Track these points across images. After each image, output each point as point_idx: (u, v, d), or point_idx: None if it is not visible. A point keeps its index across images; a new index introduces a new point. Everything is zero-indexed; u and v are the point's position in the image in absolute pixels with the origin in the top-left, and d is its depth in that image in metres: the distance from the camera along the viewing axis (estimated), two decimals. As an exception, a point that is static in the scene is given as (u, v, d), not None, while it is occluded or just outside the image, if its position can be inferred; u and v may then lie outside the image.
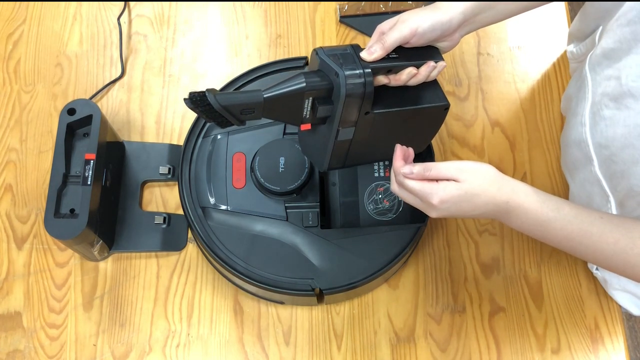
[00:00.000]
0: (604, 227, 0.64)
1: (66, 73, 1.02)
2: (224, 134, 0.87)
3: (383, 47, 0.68)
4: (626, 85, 0.68)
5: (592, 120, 0.76)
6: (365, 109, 0.68)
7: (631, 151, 0.68)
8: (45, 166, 0.96)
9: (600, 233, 0.64)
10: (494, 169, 0.66)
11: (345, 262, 0.82)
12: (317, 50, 0.67)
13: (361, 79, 0.65)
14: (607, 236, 0.64)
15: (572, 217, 0.65)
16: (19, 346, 0.87)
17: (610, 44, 0.73)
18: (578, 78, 0.85)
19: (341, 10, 1.05)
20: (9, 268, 0.90)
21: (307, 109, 0.68)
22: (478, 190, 0.64)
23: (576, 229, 0.65)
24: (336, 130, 0.69)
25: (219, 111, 0.63)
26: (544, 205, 0.65)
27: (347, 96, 0.65)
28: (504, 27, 1.06)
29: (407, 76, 0.69)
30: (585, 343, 0.87)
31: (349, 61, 0.66)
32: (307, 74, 0.66)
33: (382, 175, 0.86)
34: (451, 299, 0.89)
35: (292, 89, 0.66)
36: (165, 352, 0.86)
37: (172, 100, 1.00)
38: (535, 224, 0.66)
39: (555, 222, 0.65)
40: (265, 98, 0.65)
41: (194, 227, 0.84)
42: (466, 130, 0.99)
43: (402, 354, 0.86)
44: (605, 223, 0.64)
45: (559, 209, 0.65)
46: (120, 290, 0.89)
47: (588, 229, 0.64)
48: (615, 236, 0.63)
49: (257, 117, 0.67)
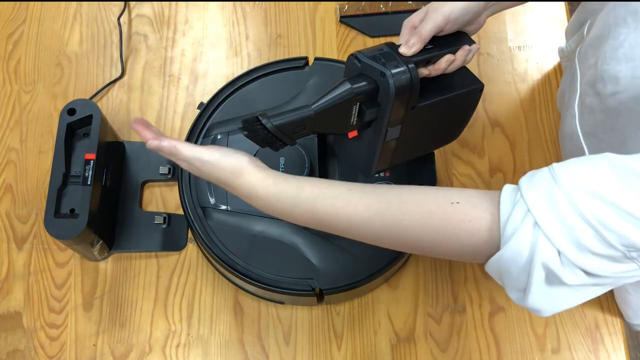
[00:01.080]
0: (350, 198, 0.60)
1: (66, 73, 1.02)
2: (224, 134, 0.87)
3: (420, 39, 0.67)
4: (600, 69, 0.68)
5: (579, 110, 0.76)
6: (412, 103, 0.68)
7: (615, 134, 0.67)
8: (45, 166, 0.96)
9: (346, 204, 0.60)
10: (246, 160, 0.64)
11: (345, 262, 0.82)
12: (356, 55, 0.67)
13: (407, 74, 0.65)
14: (355, 205, 0.60)
15: (313, 199, 0.61)
16: (19, 346, 0.87)
17: (595, 32, 0.73)
18: (569, 73, 0.85)
19: (341, 10, 1.05)
20: (9, 268, 0.90)
21: (354, 115, 0.68)
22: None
23: (321, 209, 0.61)
24: (385, 131, 0.69)
25: (274, 133, 0.64)
26: (282, 195, 0.62)
27: (396, 94, 0.65)
28: (504, 27, 1.06)
29: (446, 63, 0.69)
30: (585, 343, 0.87)
31: (390, 59, 0.66)
32: (351, 79, 0.66)
33: (382, 175, 0.86)
34: (451, 299, 0.89)
35: (340, 96, 0.66)
36: (165, 352, 0.87)
37: (172, 100, 1.00)
38: (275, 211, 0.64)
39: (296, 207, 0.62)
40: (315, 111, 0.65)
41: (194, 227, 0.84)
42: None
43: (402, 354, 0.86)
44: (353, 193, 0.61)
45: (299, 194, 0.62)
46: (120, 290, 0.89)
47: (333, 204, 0.61)
48: (366, 202, 0.60)
49: (308, 133, 0.67)
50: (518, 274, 0.53)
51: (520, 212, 0.52)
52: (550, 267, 0.51)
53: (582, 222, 0.49)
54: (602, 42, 0.70)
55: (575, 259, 0.50)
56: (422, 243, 0.59)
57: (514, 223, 0.52)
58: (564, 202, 0.50)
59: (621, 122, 0.66)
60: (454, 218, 0.56)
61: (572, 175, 0.50)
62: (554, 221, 0.50)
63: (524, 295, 0.54)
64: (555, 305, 0.54)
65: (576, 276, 0.51)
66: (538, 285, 0.52)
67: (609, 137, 0.69)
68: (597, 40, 0.72)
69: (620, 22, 0.65)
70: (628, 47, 0.64)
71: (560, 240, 0.50)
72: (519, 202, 0.53)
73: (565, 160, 0.53)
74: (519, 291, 0.55)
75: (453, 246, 0.57)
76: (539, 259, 0.51)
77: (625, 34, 0.64)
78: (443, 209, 0.57)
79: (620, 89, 0.64)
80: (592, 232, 0.49)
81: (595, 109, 0.70)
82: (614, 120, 0.66)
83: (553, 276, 0.52)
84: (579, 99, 0.76)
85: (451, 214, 0.56)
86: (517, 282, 0.54)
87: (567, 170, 0.51)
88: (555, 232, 0.50)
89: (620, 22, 0.65)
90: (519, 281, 0.54)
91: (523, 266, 0.52)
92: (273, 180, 0.63)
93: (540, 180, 0.52)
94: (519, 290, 0.55)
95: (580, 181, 0.50)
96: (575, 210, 0.49)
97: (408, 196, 0.59)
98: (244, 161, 0.64)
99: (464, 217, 0.56)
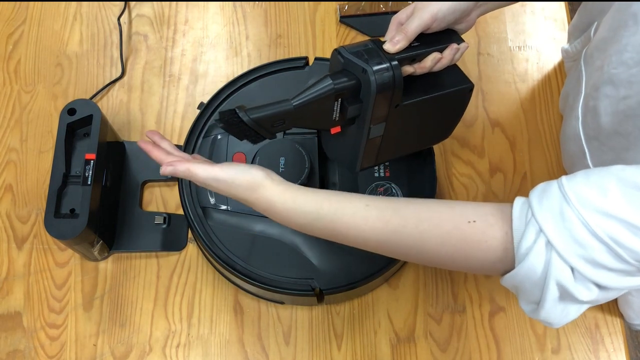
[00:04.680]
0: (368, 214, 0.61)
1: (66, 73, 1.02)
2: (224, 134, 0.87)
3: (406, 36, 0.66)
4: (607, 73, 0.67)
5: (583, 113, 0.76)
6: (396, 101, 0.67)
7: (619, 139, 0.67)
8: (45, 166, 0.96)
9: (364, 221, 0.61)
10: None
11: (345, 262, 0.82)
12: (338, 50, 0.66)
13: (389, 71, 0.64)
14: (373, 222, 0.61)
15: (332, 215, 0.62)
16: (19, 346, 0.87)
17: (601, 34, 0.72)
18: (574, 74, 0.84)
19: (341, 10, 1.05)
20: (9, 268, 0.90)
21: (336, 111, 0.67)
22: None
23: (339, 225, 0.62)
24: (368, 128, 0.68)
25: (252, 126, 0.63)
26: (300, 210, 0.63)
27: (377, 91, 0.64)
28: (504, 27, 1.06)
29: (432, 62, 0.68)
30: (585, 343, 0.87)
31: (373, 56, 0.65)
32: (332, 75, 0.65)
33: (383, 175, 0.86)
34: (451, 299, 0.89)
35: (321, 92, 0.64)
36: (165, 352, 0.87)
37: (172, 100, 1.00)
38: (293, 225, 0.65)
39: (316, 222, 0.63)
40: (295, 106, 0.64)
41: (194, 227, 0.84)
42: (466, 130, 0.99)
43: (402, 354, 0.86)
44: (371, 209, 0.61)
45: (317, 209, 0.62)
46: (120, 290, 0.89)
47: (351, 220, 0.61)
48: (384, 219, 0.60)
49: (288, 127, 0.66)
50: (532, 288, 0.55)
51: (532, 231, 0.53)
52: (564, 285, 0.52)
53: (594, 240, 0.50)
54: (607, 45, 0.70)
55: (589, 274, 0.51)
56: (439, 260, 0.60)
57: (527, 242, 0.53)
58: (576, 221, 0.51)
59: (626, 127, 0.65)
60: (471, 238, 0.57)
61: (581, 194, 0.51)
62: (567, 240, 0.51)
63: (536, 308, 0.56)
64: (566, 318, 0.55)
65: (589, 291, 0.52)
66: (552, 302, 0.54)
67: (612, 142, 0.69)
68: (603, 43, 0.71)
69: (623, 25, 0.65)
70: (632, 50, 0.63)
71: (573, 258, 0.51)
72: (530, 221, 0.54)
73: (574, 175, 0.53)
74: (532, 303, 0.56)
75: (469, 263, 0.59)
76: (553, 278, 0.52)
77: (627, 37, 0.64)
78: (460, 229, 0.58)
79: (632, 93, 0.64)
80: (605, 249, 0.50)
81: (600, 112, 0.69)
82: (619, 125, 0.66)
83: (566, 293, 0.53)
84: (583, 101, 0.76)
85: (468, 234, 0.57)
86: (530, 295, 0.56)
87: (577, 189, 0.52)
88: (569, 251, 0.51)
89: (622, 25, 0.65)
90: (533, 294, 0.55)
91: (537, 282, 0.54)
92: (291, 195, 0.63)
93: (551, 199, 0.53)
94: (532, 303, 0.56)
95: (590, 200, 0.50)
96: (587, 228, 0.50)
97: (425, 214, 0.60)
98: (259, 176, 0.64)
99: (480, 237, 0.57)
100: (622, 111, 0.65)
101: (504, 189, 0.95)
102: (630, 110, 0.64)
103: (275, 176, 0.66)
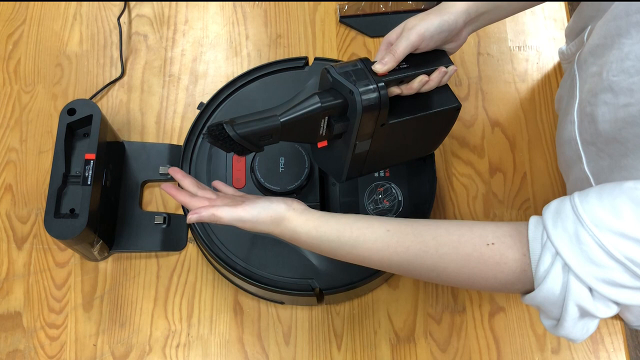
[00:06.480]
0: (389, 240, 0.63)
1: (66, 73, 1.02)
2: (224, 134, 0.87)
3: (394, 57, 0.67)
4: (606, 80, 0.68)
5: (579, 118, 0.76)
6: (381, 121, 0.68)
7: (617, 145, 0.68)
8: (45, 166, 0.96)
9: (386, 247, 0.63)
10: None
11: (345, 262, 0.81)
12: (327, 69, 0.67)
13: (375, 93, 0.65)
14: (395, 247, 0.63)
15: (354, 241, 0.64)
16: (19, 346, 0.87)
17: (596, 41, 0.73)
18: (568, 77, 0.85)
19: (341, 10, 1.05)
20: (9, 268, 0.90)
21: (323, 127, 0.68)
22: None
23: (362, 251, 0.64)
24: (354, 144, 0.70)
25: (239, 142, 0.64)
26: (323, 238, 0.66)
27: (363, 111, 0.65)
28: (504, 27, 1.06)
29: (419, 84, 0.69)
30: (585, 343, 0.87)
31: (361, 77, 0.66)
32: (320, 94, 0.66)
33: (382, 175, 0.86)
34: (451, 299, 0.89)
35: (308, 110, 0.66)
36: (165, 352, 0.87)
37: (172, 100, 1.00)
38: (318, 252, 0.68)
39: (339, 249, 0.65)
40: (282, 123, 0.65)
41: (194, 227, 0.84)
42: (466, 130, 0.99)
43: (402, 354, 0.86)
44: (392, 235, 0.63)
45: (340, 237, 0.65)
46: (120, 290, 0.89)
47: (373, 247, 0.64)
48: (404, 245, 0.62)
49: (275, 141, 0.67)
50: (552, 307, 0.56)
51: (549, 254, 0.55)
52: (583, 306, 0.53)
53: (611, 260, 0.51)
54: (604, 51, 0.70)
55: (607, 293, 0.52)
56: (459, 281, 0.62)
57: (545, 266, 0.55)
58: (592, 243, 0.52)
59: (625, 134, 0.65)
60: (491, 261, 0.59)
61: (595, 215, 0.52)
62: (583, 262, 0.52)
63: (557, 325, 0.57)
64: (587, 333, 0.57)
65: (609, 309, 0.54)
66: (572, 322, 0.55)
67: (610, 148, 0.69)
68: (599, 50, 0.72)
69: (624, 34, 0.65)
70: (635, 59, 0.64)
71: (591, 279, 0.52)
72: (546, 243, 0.55)
73: (586, 195, 0.55)
74: (552, 319, 0.58)
75: (489, 283, 0.60)
76: (572, 299, 0.53)
77: (629, 46, 0.64)
78: (479, 251, 0.59)
79: (632, 101, 0.64)
80: (622, 269, 0.51)
81: (597, 118, 0.70)
82: (618, 132, 0.66)
83: (586, 312, 0.54)
84: (579, 106, 0.76)
85: (487, 257, 0.59)
86: (551, 312, 0.57)
87: (591, 211, 0.53)
88: (586, 272, 0.52)
89: (623, 33, 0.65)
90: (553, 312, 0.57)
91: (556, 302, 0.55)
92: (314, 224, 0.66)
93: (565, 221, 0.54)
94: (552, 319, 0.58)
95: (604, 222, 0.52)
96: (603, 249, 0.51)
97: (444, 238, 0.61)
98: (281, 209, 0.67)
99: (499, 259, 0.58)
100: (621, 119, 0.65)
101: (504, 189, 0.95)
102: (630, 117, 0.64)
103: (297, 205, 0.68)
